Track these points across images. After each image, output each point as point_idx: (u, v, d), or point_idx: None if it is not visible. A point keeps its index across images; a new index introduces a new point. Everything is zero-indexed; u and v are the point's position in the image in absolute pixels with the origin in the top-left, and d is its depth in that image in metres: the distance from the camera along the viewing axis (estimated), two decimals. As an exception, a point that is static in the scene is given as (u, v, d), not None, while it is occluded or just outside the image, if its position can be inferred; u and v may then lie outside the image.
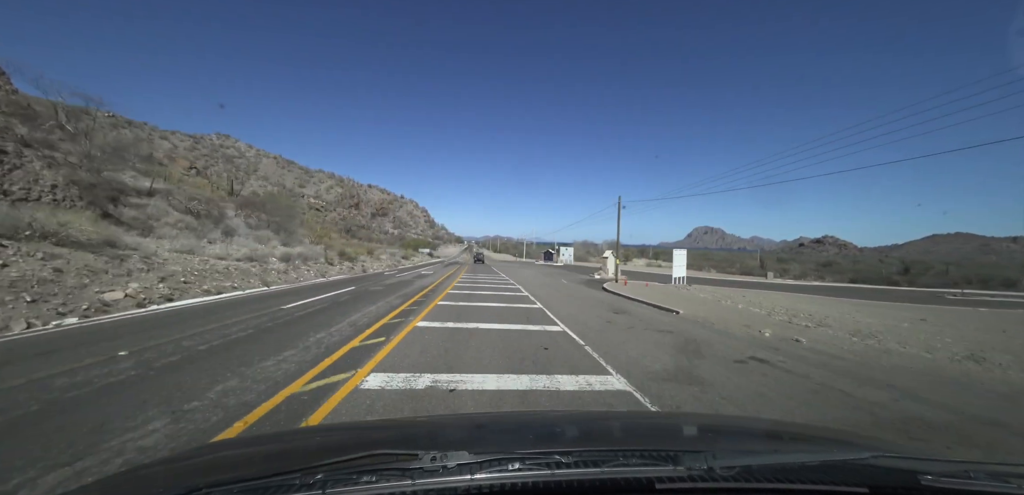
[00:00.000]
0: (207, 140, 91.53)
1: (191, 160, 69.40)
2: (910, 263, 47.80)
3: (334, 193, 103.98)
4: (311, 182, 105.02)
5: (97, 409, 3.69)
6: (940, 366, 6.69)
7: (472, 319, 9.57)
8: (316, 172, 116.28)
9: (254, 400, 4.05)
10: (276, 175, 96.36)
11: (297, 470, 0.95)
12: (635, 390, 4.84)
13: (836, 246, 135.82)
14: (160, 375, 4.69)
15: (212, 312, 9.01)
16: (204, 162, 74.54)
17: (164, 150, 72.90)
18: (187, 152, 76.16)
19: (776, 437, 1.74)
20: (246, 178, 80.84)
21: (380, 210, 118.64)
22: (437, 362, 5.75)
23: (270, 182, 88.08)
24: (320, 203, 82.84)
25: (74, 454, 2.89)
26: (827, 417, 4.23)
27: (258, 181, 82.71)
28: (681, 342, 7.77)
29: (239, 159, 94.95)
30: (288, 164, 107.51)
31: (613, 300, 14.82)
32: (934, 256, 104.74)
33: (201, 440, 3.18)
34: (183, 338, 6.47)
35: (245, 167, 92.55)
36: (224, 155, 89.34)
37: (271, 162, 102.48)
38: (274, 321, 8.26)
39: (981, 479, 0.96)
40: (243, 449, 1.59)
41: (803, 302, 16.32)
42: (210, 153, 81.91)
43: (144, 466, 1.45)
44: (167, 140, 76.19)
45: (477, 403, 4.28)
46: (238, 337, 6.73)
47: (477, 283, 18.89)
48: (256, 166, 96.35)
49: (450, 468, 0.94)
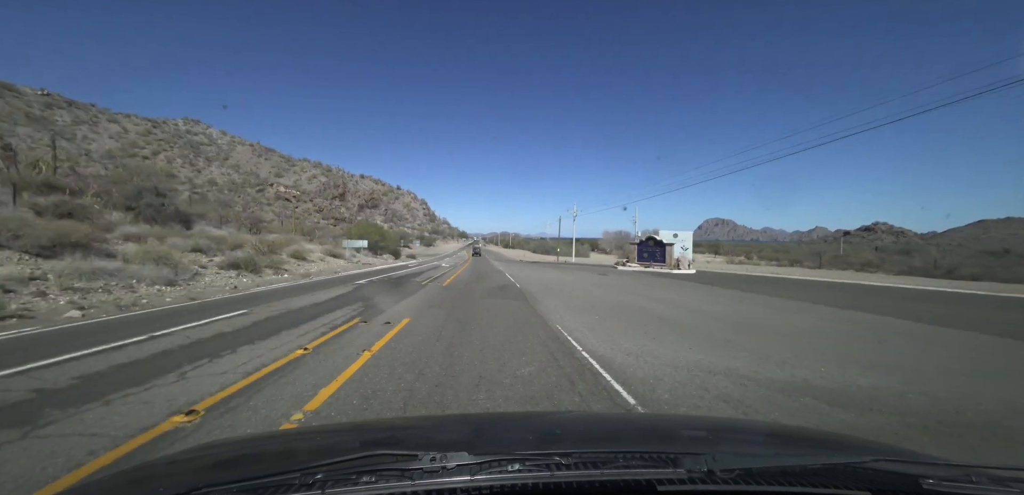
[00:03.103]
0: (171, 125, 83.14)
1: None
2: (999, 248, 37.12)
3: (316, 183, 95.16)
4: (292, 171, 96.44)
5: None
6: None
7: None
8: (299, 161, 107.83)
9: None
10: (250, 163, 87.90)
11: (297, 470, 0.93)
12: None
13: (891, 233, 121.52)
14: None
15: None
16: (154, 147, 66.05)
17: (111, 133, 64.68)
18: (141, 137, 67.76)
19: (777, 439, 1.66)
20: (205, 165, 72.42)
21: (370, 201, 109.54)
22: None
23: (240, 171, 79.59)
24: (292, 193, 73.91)
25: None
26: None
27: (222, 170, 74.17)
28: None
29: (208, 146, 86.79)
30: (266, 152, 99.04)
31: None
32: (985, 242, 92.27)
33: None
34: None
35: (214, 154, 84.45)
36: (190, 142, 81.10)
37: (246, 149, 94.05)
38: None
39: (983, 483, 0.96)
40: (243, 449, 1.49)
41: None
42: (169, 139, 73.44)
43: (144, 466, 1.45)
44: (116, 123, 67.76)
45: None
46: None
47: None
48: (228, 153, 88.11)
49: (450, 469, 0.92)
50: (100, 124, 65.07)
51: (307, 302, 9.86)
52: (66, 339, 5.55)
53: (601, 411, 3.70)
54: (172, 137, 75.62)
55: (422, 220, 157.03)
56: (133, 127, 70.54)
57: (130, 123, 71.51)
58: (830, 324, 8.29)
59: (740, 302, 11.80)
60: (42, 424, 3.02)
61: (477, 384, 4.17)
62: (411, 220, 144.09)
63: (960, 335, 7.28)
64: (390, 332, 6.57)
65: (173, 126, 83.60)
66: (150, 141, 68.08)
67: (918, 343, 6.60)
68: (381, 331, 6.68)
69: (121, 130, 66.89)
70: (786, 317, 9.13)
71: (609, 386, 4.23)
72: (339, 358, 5.01)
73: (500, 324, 7.54)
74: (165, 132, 76.23)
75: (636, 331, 7.19)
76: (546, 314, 8.91)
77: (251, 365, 4.62)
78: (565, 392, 4.03)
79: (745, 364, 5.13)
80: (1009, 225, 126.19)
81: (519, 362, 4.98)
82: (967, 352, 6.05)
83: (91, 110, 66.60)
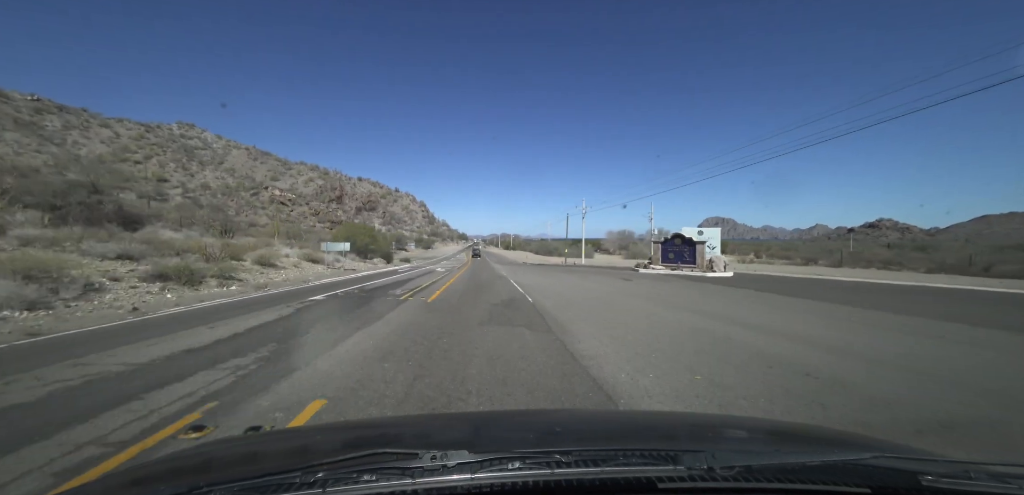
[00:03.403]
0: (165, 129, 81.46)
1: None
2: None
3: (313, 186, 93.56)
4: (289, 174, 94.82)
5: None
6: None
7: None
8: (296, 164, 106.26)
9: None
10: (246, 167, 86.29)
11: (297, 469, 0.93)
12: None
13: (895, 229, 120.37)
14: None
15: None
16: (147, 152, 64.40)
17: (103, 138, 63.04)
18: (133, 141, 66.11)
19: (777, 437, 1.64)
20: (199, 169, 70.72)
21: (367, 204, 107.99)
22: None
23: (235, 175, 77.98)
24: (288, 196, 72.24)
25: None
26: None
27: (216, 174, 72.56)
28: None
29: (203, 150, 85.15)
30: (262, 155, 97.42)
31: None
32: (989, 238, 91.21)
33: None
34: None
35: (209, 158, 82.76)
36: (184, 146, 79.47)
37: (242, 153, 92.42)
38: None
39: (982, 479, 0.95)
40: (244, 448, 1.48)
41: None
42: (163, 143, 71.81)
43: (145, 465, 1.45)
44: (108, 128, 66.11)
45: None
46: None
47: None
48: (223, 157, 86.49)
49: (450, 467, 0.92)
50: (91, 129, 63.45)
51: (172, 348, 6.01)
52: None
53: (601, 409, 3.74)
54: (166, 141, 73.99)
55: (421, 222, 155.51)
56: (126, 132, 68.89)
57: (123, 128, 69.87)
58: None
59: (841, 320, 8.77)
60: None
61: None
62: (410, 223, 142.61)
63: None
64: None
65: (167, 130, 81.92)
66: (143, 145, 66.46)
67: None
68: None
69: (113, 135, 65.27)
70: (949, 347, 6.29)
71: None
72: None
73: (517, 404, 4.02)
74: (159, 136, 74.59)
75: (799, 405, 3.97)
76: (592, 361, 5.37)
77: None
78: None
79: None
80: (1012, 220, 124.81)
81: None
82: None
83: (83, 115, 64.98)
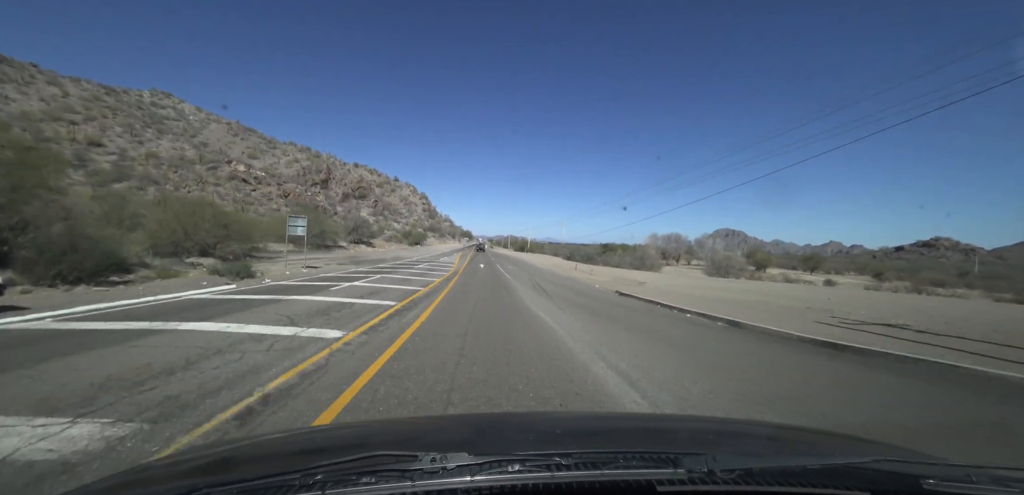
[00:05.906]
0: (133, 95, 74.16)
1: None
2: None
3: (296, 167, 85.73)
4: (270, 153, 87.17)
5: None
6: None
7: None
8: (284, 144, 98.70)
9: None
10: (222, 142, 78.66)
11: (297, 470, 0.93)
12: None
13: (956, 250, 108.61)
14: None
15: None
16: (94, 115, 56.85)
17: (45, 95, 55.61)
18: (83, 103, 58.63)
19: (777, 440, 1.66)
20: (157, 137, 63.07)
21: (357, 190, 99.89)
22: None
23: (207, 149, 70.33)
24: (253, 174, 64.37)
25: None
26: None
27: (177, 144, 64.87)
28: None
29: (175, 121, 77.74)
30: (244, 131, 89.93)
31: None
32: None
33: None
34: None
35: (181, 130, 75.23)
36: (151, 114, 72.03)
37: (221, 128, 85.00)
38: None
39: (984, 483, 0.95)
40: (243, 450, 1.50)
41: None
42: (122, 108, 64.31)
43: (145, 466, 1.42)
44: (57, 85, 58.74)
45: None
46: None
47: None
48: (198, 131, 79.02)
49: (450, 469, 0.92)
50: (35, 85, 56.04)
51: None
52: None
53: (601, 411, 3.77)
54: (127, 107, 66.48)
55: (421, 215, 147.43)
56: (79, 92, 61.48)
57: (77, 88, 62.48)
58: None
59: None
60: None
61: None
62: (407, 215, 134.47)
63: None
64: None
65: (136, 96, 74.65)
66: (95, 108, 58.92)
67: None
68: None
69: (60, 94, 57.81)
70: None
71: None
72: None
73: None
74: (120, 101, 67.13)
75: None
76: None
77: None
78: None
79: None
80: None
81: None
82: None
83: (27, 70, 57.63)
